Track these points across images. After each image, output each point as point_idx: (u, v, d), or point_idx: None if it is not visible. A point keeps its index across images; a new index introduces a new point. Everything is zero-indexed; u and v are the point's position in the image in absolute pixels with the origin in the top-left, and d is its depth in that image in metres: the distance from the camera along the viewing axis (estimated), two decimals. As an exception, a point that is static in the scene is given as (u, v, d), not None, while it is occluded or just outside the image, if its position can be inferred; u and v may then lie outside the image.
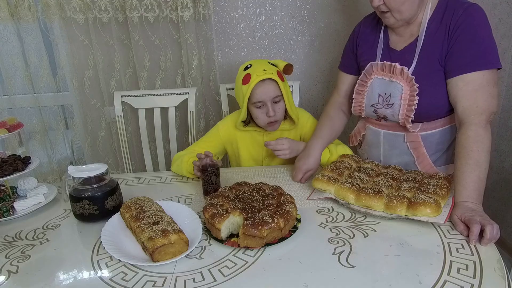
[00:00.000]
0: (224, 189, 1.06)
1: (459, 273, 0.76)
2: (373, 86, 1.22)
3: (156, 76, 1.87)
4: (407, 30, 1.17)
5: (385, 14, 1.11)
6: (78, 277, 0.82)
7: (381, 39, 1.22)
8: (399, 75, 1.15)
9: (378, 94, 1.21)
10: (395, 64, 1.15)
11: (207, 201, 1.00)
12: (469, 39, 1.05)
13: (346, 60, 1.35)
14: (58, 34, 1.75)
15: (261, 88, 1.29)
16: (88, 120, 1.91)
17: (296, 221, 0.96)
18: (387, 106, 1.19)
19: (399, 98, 1.15)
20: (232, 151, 1.50)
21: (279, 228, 0.88)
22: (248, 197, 0.99)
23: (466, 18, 1.05)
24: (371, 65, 1.22)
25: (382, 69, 1.19)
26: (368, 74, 1.23)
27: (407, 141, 1.22)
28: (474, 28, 1.05)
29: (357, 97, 1.27)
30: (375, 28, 1.26)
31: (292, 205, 0.95)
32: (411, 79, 1.12)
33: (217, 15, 1.84)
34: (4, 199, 1.13)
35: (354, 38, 1.31)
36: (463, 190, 0.96)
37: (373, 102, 1.23)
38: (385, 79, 1.19)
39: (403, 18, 1.10)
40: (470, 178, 0.97)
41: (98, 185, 1.03)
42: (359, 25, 1.32)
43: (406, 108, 1.15)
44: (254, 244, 0.86)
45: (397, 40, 1.20)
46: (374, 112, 1.24)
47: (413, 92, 1.12)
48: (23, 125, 1.22)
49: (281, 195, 1.01)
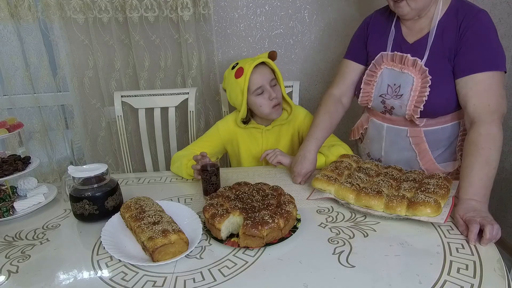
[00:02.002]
0: (224, 189, 1.06)
1: (459, 273, 0.76)
2: (382, 77, 1.22)
3: (156, 76, 1.87)
4: (417, 24, 1.17)
5: (400, 3, 1.11)
6: (78, 277, 0.82)
7: (392, 31, 1.22)
8: (411, 67, 1.16)
9: (388, 85, 1.21)
10: (407, 55, 1.16)
11: (207, 201, 1.00)
12: (479, 41, 1.07)
13: (355, 49, 1.33)
14: (58, 34, 1.74)
15: (257, 74, 1.33)
16: (88, 120, 1.91)
17: (296, 221, 0.96)
18: (396, 96, 1.19)
19: (409, 89, 1.16)
20: (232, 150, 1.50)
21: (279, 228, 0.88)
22: (248, 197, 0.99)
23: (476, 22, 1.08)
24: (381, 55, 1.22)
25: (393, 60, 1.20)
26: (378, 65, 1.23)
27: (409, 136, 1.22)
28: (484, 31, 1.08)
29: (365, 87, 1.27)
30: (387, 20, 1.26)
31: (292, 205, 0.95)
32: (425, 71, 1.13)
33: (217, 15, 1.84)
34: (4, 199, 1.13)
35: (365, 28, 1.31)
36: (469, 187, 0.96)
37: (382, 92, 1.23)
38: (395, 70, 1.19)
39: (417, 7, 1.11)
40: (478, 176, 0.96)
41: (98, 185, 1.03)
42: (370, 17, 1.32)
43: (415, 99, 1.15)
44: (254, 244, 0.86)
45: (407, 33, 1.20)
46: (382, 102, 1.24)
47: (425, 84, 1.13)
48: (23, 125, 1.22)
49: (281, 195, 1.01)
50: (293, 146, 1.49)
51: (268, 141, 1.45)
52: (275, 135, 1.45)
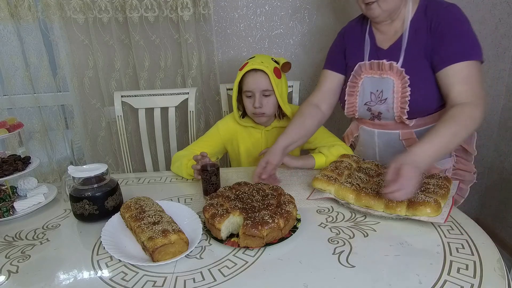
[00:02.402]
0: (224, 189, 1.06)
1: (459, 273, 0.76)
2: (364, 86, 1.24)
3: (156, 76, 1.87)
4: (391, 28, 1.20)
5: (371, 6, 1.13)
6: (78, 277, 0.81)
7: (367, 40, 1.24)
8: (388, 70, 1.18)
9: (370, 92, 1.23)
10: (383, 61, 1.18)
11: (207, 201, 1.00)
12: (452, 34, 1.10)
13: (333, 59, 1.35)
14: (58, 34, 1.74)
15: (251, 78, 1.33)
16: (88, 120, 1.91)
17: (296, 221, 0.96)
18: (380, 102, 1.21)
19: (391, 92, 1.18)
20: (232, 150, 1.50)
21: (279, 228, 0.88)
22: (248, 197, 0.99)
23: (447, 16, 1.11)
24: (359, 65, 1.24)
25: (371, 68, 1.22)
26: (357, 75, 1.26)
27: (402, 139, 1.23)
28: (455, 23, 1.10)
29: (349, 98, 1.29)
30: (361, 30, 1.28)
31: (292, 205, 0.95)
32: (401, 72, 1.15)
33: (217, 15, 1.84)
34: (4, 199, 1.13)
35: (341, 40, 1.33)
36: (426, 144, 0.96)
37: (366, 100, 1.25)
38: (375, 77, 1.22)
39: (388, 8, 1.13)
40: (440, 141, 0.97)
41: (98, 185, 1.03)
42: (345, 28, 1.35)
43: (400, 100, 1.17)
44: (254, 244, 0.86)
45: (382, 39, 1.23)
46: (368, 110, 1.26)
47: (405, 84, 1.15)
48: (23, 125, 1.22)
49: (281, 195, 1.01)
50: None
51: (268, 142, 1.45)
52: (275, 135, 1.45)
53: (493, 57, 1.93)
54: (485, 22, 1.87)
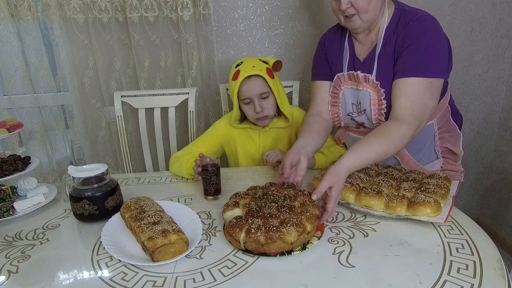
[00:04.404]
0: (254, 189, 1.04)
1: (459, 273, 0.76)
2: (345, 96, 1.25)
3: (156, 76, 1.87)
4: (368, 38, 1.20)
5: (352, 18, 1.12)
6: (78, 277, 0.82)
7: (346, 48, 1.24)
8: (364, 82, 1.18)
9: (352, 103, 1.24)
10: (357, 72, 1.18)
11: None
12: (414, 47, 1.08)
13: (319, 69, 1.33)
14: (58, 34, 1.74)
15: (247, 85, 1.32)
16: (88, 120, 1.91)
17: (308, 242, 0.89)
18: (360, 113, 1.23)
19: (368, 104, 1.19)
20: (230, 150, 1.50)
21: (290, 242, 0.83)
22: (266, 203, 0.94)
23: (414, 28, 1.09)
24: (337, 77, 1.25)
25: (350, 79, 1.22)
26: (337, 86, 1.26)
27: None
28: (421, 37, 1.08)
29: (332, 109, 1.30)
30: (340, 38, 1.27)
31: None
32: (377, 85, 1.15)
33: (217, 15, 1.84)
34: (4, 199, 1.13)
35: (322, 47, 1.32)
36: (355, 154, 0.97)
37: (348, 111, 1.27)
38: (353, 88, 1.22)
39: (369, 19, 1.12)
40: (368, 158, 0.98)
41: (98, 185, 1.03)
42: (325, 36, 1.33)
43: (377, 112, 1.18)
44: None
45: (360, 49, 1.22)
46: (351, 120, 1.27)
47: (381, 97, 1.16)
48: (23, 125, 1.22)
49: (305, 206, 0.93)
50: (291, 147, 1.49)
51: (265, 142, 1.45)
52: (272, 136, 1.45)
53: (493, 57, 1.93)
54: (485, 22, 1.87)
